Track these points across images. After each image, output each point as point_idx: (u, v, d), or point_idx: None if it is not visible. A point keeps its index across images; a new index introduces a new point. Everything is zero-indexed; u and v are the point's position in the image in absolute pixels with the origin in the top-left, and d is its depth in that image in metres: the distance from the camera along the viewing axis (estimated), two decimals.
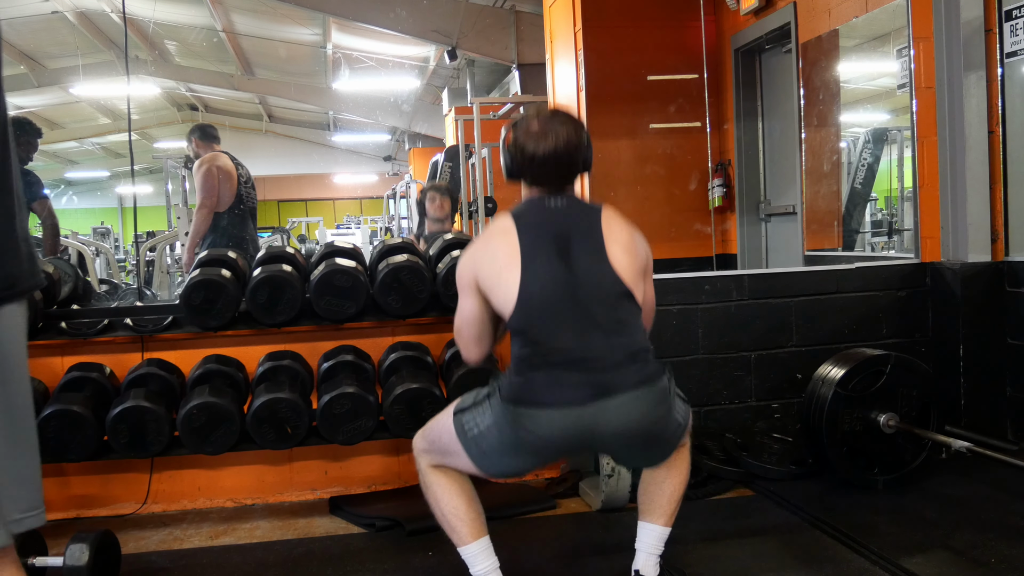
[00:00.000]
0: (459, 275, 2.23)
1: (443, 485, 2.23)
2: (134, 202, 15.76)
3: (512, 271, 2.09)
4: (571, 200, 2.21)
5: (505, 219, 2.18)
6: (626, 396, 2.03)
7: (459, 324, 2.27)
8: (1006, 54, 3.63)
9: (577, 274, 2.09)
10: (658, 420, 2.10)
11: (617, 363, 2.04)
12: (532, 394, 2.04)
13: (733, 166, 5.64)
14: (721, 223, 5.79)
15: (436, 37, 9.52)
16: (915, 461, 3.19)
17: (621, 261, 2.12)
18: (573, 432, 2.04)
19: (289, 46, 12.54)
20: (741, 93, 5.56)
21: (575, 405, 2.02)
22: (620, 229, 2.18)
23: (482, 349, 2.28)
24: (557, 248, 2.11)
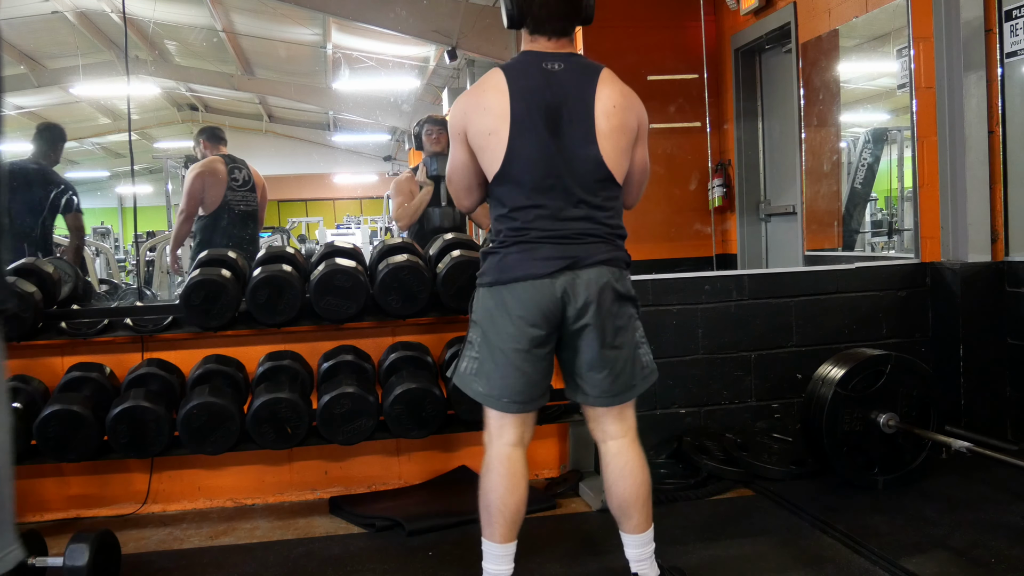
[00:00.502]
0: (450, 125, 2.28)
1: (507, 475, 2.20)
2: (134, 202, 15.75)
3: (500, 137, 2.14)
4: (569, 62, 2.21)
5: (498, 75, 2.19)
6: (592, 270, 2.16)
7: (450, 173, 2.32)
8: (1006, 54, 3.63)
9: (562, 153, 2.15)
10: (620, 295, 2.18)
11: (587, 240, 2.16)
12: (508, 271, 2.16)
13: (733, 166, 5.64)
14: (721, 223, 5.79)
15: (436, 37, 9.51)
16: (915, 461, 3.19)
17: (608, 141, 2.17)
18: (548, 303, 2.14)
19: (289, 46, 12.53)
20: (741, 93, 5.56)
21: (547, 276, 2.13)
22: (613, 102, 2.19)
23: (473, 198, 2.34)
24: (546, 122, 2.14)
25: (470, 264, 3.11)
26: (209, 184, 4.89)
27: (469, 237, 3.53)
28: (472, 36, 9.38)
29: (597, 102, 2.17)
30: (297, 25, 11.12)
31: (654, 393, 3.53)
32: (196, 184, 4.89)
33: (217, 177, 4.92)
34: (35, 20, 10.86)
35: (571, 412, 3.20)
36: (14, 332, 3.00)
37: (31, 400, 3.07)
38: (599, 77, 2.20)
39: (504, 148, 2.14)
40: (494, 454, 2.23)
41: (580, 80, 2.19)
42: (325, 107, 16.62)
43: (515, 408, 2.21)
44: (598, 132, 2.16)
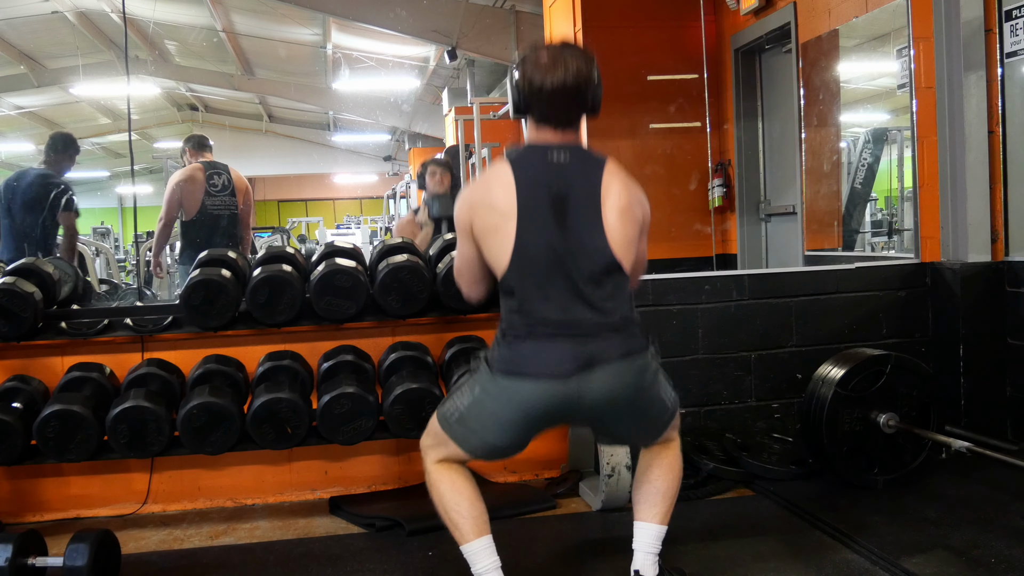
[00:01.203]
0: (456, 218, 2.24)
1: (447, 482, 2.23)
2: (134, 202, 15.75)
3: (507, 230, 2.10)
4: (574, 153, 2.18)
5: (504, 167, 2.16)
6: (610, 367, 2.07)
7: (459, 266, 2.31)
8: (1006, 54, 3.63)
9: (570, 243, 2.10)
10: (641, 390, 2.14)
11: (602, 335, 2.08)
12: (519, 366, 2.09)
13: (733, 166, 5.64)
14: (721, 223, 5.79)
15: (436, 37, 9.52)
16: (915, 461, 3.19)
17: (615, 231, 2.12)
18: (559, 403, 2.08)
19: (289, 46, 12.54)
20: (741, 93, 5.56)
21: (560, 377, 2.06)
22: (620, 190, 2.16)
23: (481, 289, 2.32)
24: (554, 211, 2.11)
25: None
26: (187, 191, 5.16)
27: None
28: (472, 36, 9.39)
29: (603, 192, 2.13)
30: (297, 25, 11.13)
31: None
32: (175, 192, 5.17)
33: (195, 184, 5.17)
34: (35, 20, 10.86)
35: None
36: (14, 332, 3.01)
37: (31, 400, 3.07)
38: (605, 168, 2.18)
39: (512, 241, 2.09)
40: (432, 469, 2.26)
41: (586, 170, 2.16)
42: (325, 107, 16.62)
43: (485, 458, 2.24)
44: (605, 222, 2.12)
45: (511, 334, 2.12)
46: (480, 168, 8.92)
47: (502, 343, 2.14)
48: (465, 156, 9.11)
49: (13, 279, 3.02)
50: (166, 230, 5.29)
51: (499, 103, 9.45)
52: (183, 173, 5.24)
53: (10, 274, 3.08)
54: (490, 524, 2.23)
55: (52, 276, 3.19)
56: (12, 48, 11.98)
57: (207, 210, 5.20)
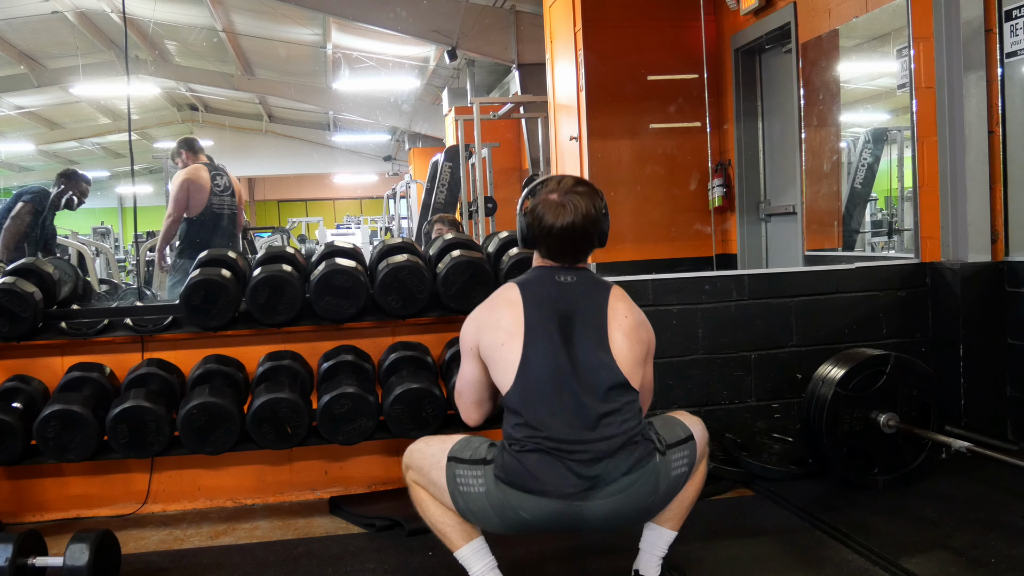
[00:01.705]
0: (462, 339, 2.25)
1: (430, 496, 2.24)
2: (134, 202, 15.77)
3: (513, 348, 2.11)
4: (581, 276, 2.21)
5: (512, 289, 2.19)
6: (614, 487, 2.05)
7: (460, 387, 2.30)
8: (1006, 54, 3.63)
9: (575, 361, 2.10)
10: (648, 504, 2.13)
11: (607, 454, 2.05)
12: (523, 479, 2.05)
13: (733, 166, 5.64)
14: (721, 223, 5.79)
15: (436, 37, 9.52)
16: (915, 461, 3.19)
17: (622, 350, 2.12)
18: (561, 520, 2.07)
19: (289, 46, 12.54)
20: (741, 93, 5.56)
21: (563, 497, 2.04)
22: (625, 314, 2.18)
23: (482, 413, 2.32)
24: (560, 330, 2.12)
25: (470, 264, 3.11)
26: (194, 190, 5.30)
27: (469, 237, 3.53)
28: (472, 36, 9.39)
29: (610, 313, 2.15)
30: (297, 25, 11.13)
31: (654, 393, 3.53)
32: (182, 190, 5.30)
33: (201, 184, 5.31)
34: (35, 20, 10.86)
35: None
36: (14, 332, 3.01)
37: (31, 400, 3.07)
38: (611, 291, 2.20)
39: (518, 358, 2.10)
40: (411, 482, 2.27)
41: (592, 291, 2.19)
42: (325, 107, 16.62)
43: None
44: (612, 341, 2.12)
45: (517, 446, 2.08)
46: (480, 168, 8.91)
47: (507, 452, 2.10)
48: (465, 156, 9.10)
49: (13, 279, 3.02)
50: (174, 227, 5.37)
51: (499, 103, 9.44)
52: (190, 172, 5.34)
53: (10, 274, 3.08)
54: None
55: (52, 276, 3.19)
56: (12, 48, 11.98)
57: (211, 209, 5.35)
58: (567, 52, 5.55)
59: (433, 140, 15.72)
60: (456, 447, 2.19)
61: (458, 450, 2.19)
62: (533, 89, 8.99)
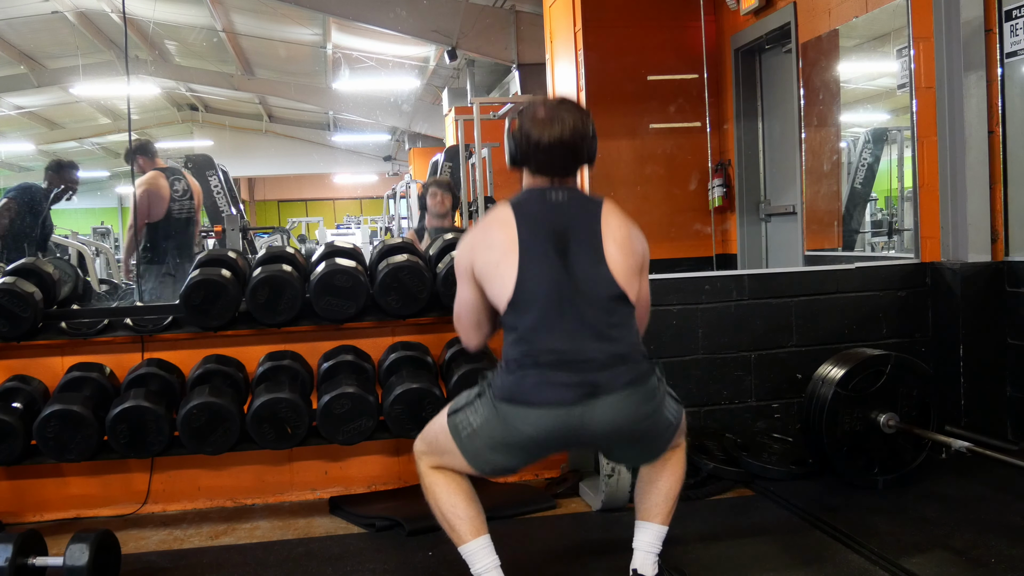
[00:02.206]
0: (456, 263, 2.25)
1: (442, 485, 2.24)
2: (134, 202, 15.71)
3: (509, 267, 2.11)
4: (572, 193, 2.21)
5: (504, 209, 2.18)
6: (614, 396, 2.06)
7: (458, 311, 2.30)
8: (1006, 54, 3.63)
9: (573, 274, 2.10)
10: (646, 418, 2.13)
11: (607, 364, 2.06)
12: (522, 393, 2.07)
13: (733, 166, 5.64)
14: (721, 223, 5.79)
15: (436, 37, 9.52)
16: (915, 461, 3.19)
17: (617, 262, 2.13)
18: (562, 430, 2.08)
19: (289, 46, 12.54)
20: (741, 93, 5.56)
21: (564, 405, 2.05)
22: (618, 226, 2.18)
23: (481, 335, 2.32)
24: (555, 246, 2.12)
25: None
26: (154, 198, 5.41)
27: None
28: (472, 36, 9.40)
29: (603, 227, 2.16)
30: (297, 25, 11.13)
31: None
32: (144, 198, 5.42)
33: (160, 191, 5.42)
34: (35, 20, 10.87)
35: None
36: (14, 332, 3.01)
37: (31, 400, 3.07)
38: (603, 206, 2.21)
39: (515, 276, 2.10)
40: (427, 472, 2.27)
41: (585, 208, 2.19)
42: (325, 107, 16.63)
43: (490, 475, 2.23)
44: (606, 253, 2.13)
45: (514, 364, 2.10)
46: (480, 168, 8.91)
47: (505, 371, 2.12)
48: (465, 156, 9.10)
49: (13, 279, 3.02)
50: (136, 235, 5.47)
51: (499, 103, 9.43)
52: (149, 180, 5.45)
53: (10, 274, 3.08)
54: (489, 524, 2.23)
55: (52, 276, 3.19)
56: (12, 48, 11.98)
57: (172, 215, 5.47)
58: (567, 52, 5.55)
59: (433, 140, 15.72)
60: (453, 403, 2.25)
61: (454, 405, 2.24)
62: (533, 89, 9.00)
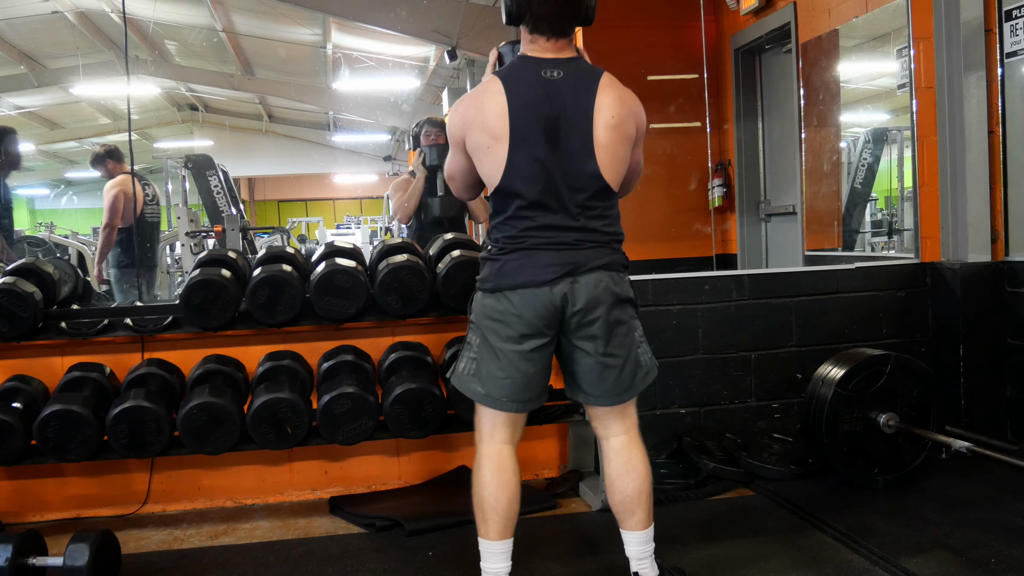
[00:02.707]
0: (449, 130, 2.31)
1: (494, 471, 2.22)
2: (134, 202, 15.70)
3: (498, 153, 2.17)
4: (567, 68, 2.21)
5: (497, 86, 2.19)
6: (591, 275, 2.18)
7: (450, 172, 2.37)
8: (1006, 54, 3.63)
9: (561, 164, 2.17)
10: (617, 305, 2.20)
11: (586, 247, 2.19)
12: (506, 278, 2.18)
13: (733, 166, 5.64)
14: (721, 223, 5.79)
15: (436, 37, 9.51)
16: (915, 461, 3.19)
17: (606, 151, 2.19)
18: (547, 306, 2.16)
19: (289, 46, 12.54)
20: (741, 93, 5.56)
21: (545, 283, 2.16)
22: (613, 106, 2.20)
23: (473, 193, 2.42)
24: (545, 132, 2.16)
25: (470, 264, 3.11)
26: (128, 199, 5.46)
27: (469, 237, 3.53)
28: (472, 36, 9.38)
29: (596, 113, 2.18)
30: (297, 25, 11.12)
31: (654, 393, 3.54)
32: (119, 200, 5.44)
33: (130, 194, 5.47)
34: (35, 20, 10.87)
35: (571, 412, 3.20)
36: (14, 332, 3.01)
37: (31, 400, 3.07)
38: (599, 84, 2.20)
39: (504, 161, 2.16)
40: (485, 452, 2.26)
41: (579, 89, 2.19)
42: (325, 107, 16.62)
43: (514, 407, 2.23)
44: (596, 144, 2.18)
45: (496, 248, 2.21)
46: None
47: (488, 261, 2.23)
48: None
49: (13, 279, 3.02)
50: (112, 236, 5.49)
51: None
52: (123, 183, 5.46)
53: (10, 274, 3.08)
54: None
55: (52, 276, 3.19)
56: (12, 48, 11.98)
57: (145, 219, 5.56)
58: None
59: None
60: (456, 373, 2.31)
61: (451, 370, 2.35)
62: None
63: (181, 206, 7.95)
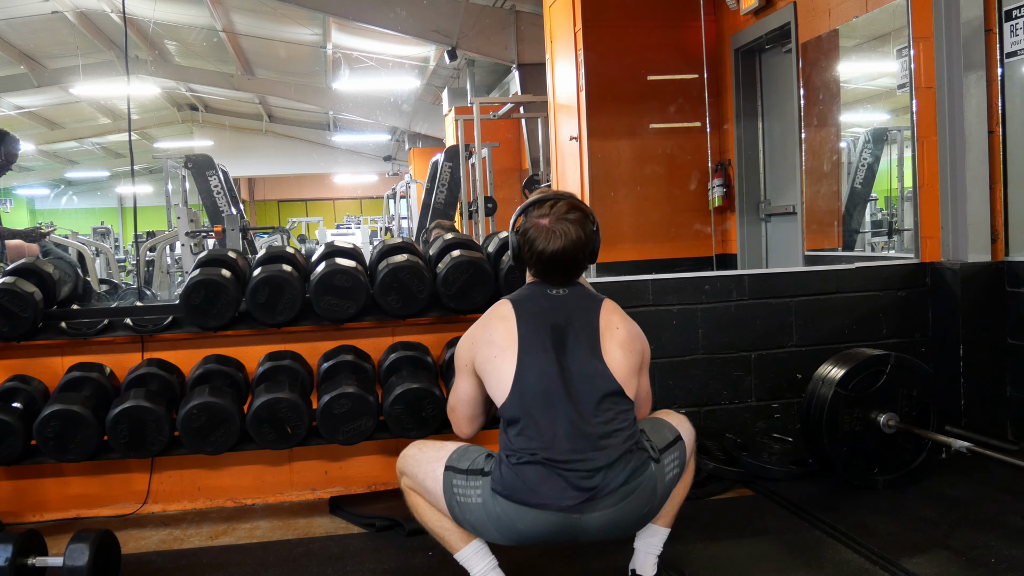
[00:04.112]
0: (457, 356, 2.28)
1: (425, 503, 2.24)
2: (134, 202, 15.79)
3: (508, 360, 2.13)
4: (573, 290, 2.24)
5: (505, 305, 2.22)
6: (612, 498, 2.05)
7: (453, 403, 2.33)
8: (1006, 54, 3.63)
9: (571, 370, 2.11)
10: (646, 512, 2.14)
11: (605, 466, 2.05)
12: (520, 492, 2.05)
13: (733, 166, 5.64)
14: (721, 223, 5.79)
15: (436, 37, 9.52)
16: (915, 461, 3.19)
17: (616, 358, 2.14)
18: (560, 532, 2.07)
19: (289, 46, 12.54)
20: (741, 93, 5.56)
21: (561, 510, 2.04)
22: (618, 325, 2.20)
23: (474, 428, 2.35)
24: (554, 341, 2.14)
25: (470, 264, 3.11)
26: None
27: (469, 237, 3.53)
28: (472, 36, 9.40)
29: (602, 326, 2.17)
30: (297, 25, 11.13)
31: (654, 393, 3.53)
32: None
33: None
34: (35, 20, 10.87)
35: None
36: (14, 332, 3.01)
37: (31, 400, 3.07)
38: (603, 304, 2.23)
39: (513, 369, 2.12)
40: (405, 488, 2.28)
41: (584, 303, 2.22)
42: (325, 107, 16.63)
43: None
44: (605, 351, 2.14)
45: (513, 458, 2.09)
46: (480, 168, 8.90)
47: (504, 464, 2.10)
48: (465, 156, 9.10)
49: (13, 279, 3.02)
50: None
51: (499, 103, 9.43)
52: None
53: (10, 274, 3.08)
54: None
55: (52, 276, 3.19)
56: (12, 48, 11.99)
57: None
58: (567, 52, 5.55)
59: (433, 140, 15.73)
60: (454, 456, 2.19)
61: (455, 459, 2.18)
62: (533, 89, 9.00)
63: (181, 206, 7.95)
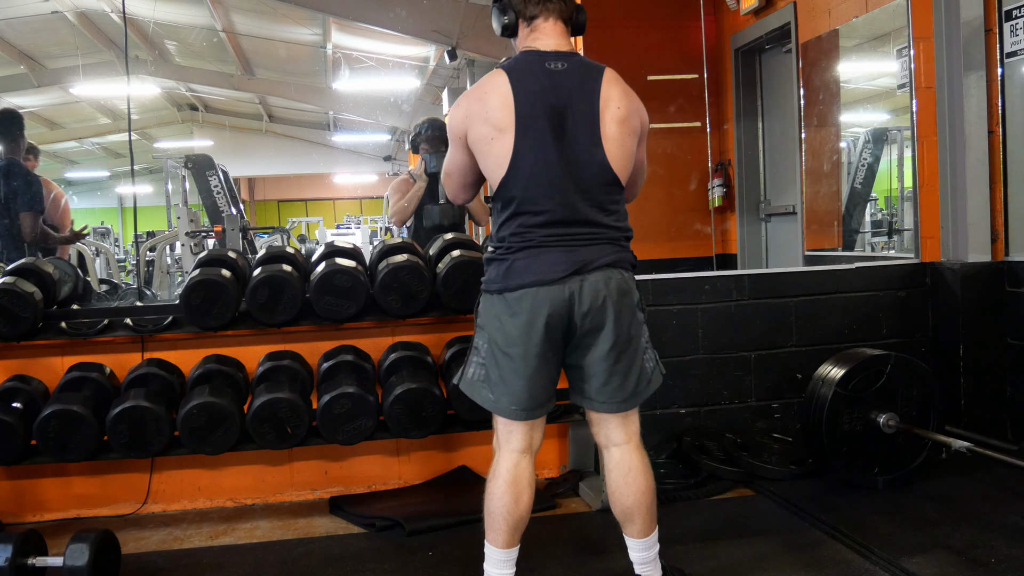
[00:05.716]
0: (450, 126, 2.26)
1: (509, 484, 2.19)
2: (134, 202, 15.77)
3: (504, 143, 2.12)
4: (571, 62, 2.19)
5: (501, 77, 2.15)
6: (599, 273, 2.13)
7: (448, 169, 2.32)
8: (1006, 54, 3.63)
9: (568, 157, 2.12)
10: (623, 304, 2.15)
11: (594, 243, 2.14)
12: (515, 277, 2.12)
13: (733, 166, 5.64)
14: (721, 223, 5.79)
15: (436, 37, 9.51)
16: (915, 461, 3.19)
17: (614, 143, 2.15)
18: (555, 307, 2.11)
19: (289, 46, 12.53)
20: (741, 93, 5.56)
21: (554, 282, 2.10)
22: (618, 103, 2.17)
23: (469, 194, 2.37)
24: (551, 124, 2.12)
25: (470, 264, 3.11)
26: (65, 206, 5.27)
27: (469, 237, 3.53)
28: (472, 36, 9.38)
29: (602, 104, 2.14)
30: (297, 25, 11.12)
31: (654, 393, 3.52)
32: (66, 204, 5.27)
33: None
34: (35, 20, 10.86)
35: (571, 412, 3.20)
36: (14, 332, 3.01)
37: (31, 400, 3.07)
38: (603, 78, 2.17)
39: (509, 154, 2.11)
40: (502, 461, 2.22)
41: (584, 81, 2.16)
42: (325, 107, 16.61)
43: (522, 416, 2.18)
44: (604, 136, 2.13)
45: (503, 248, 2.16)
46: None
47: (494, 262, 2.17)
48: None
49: (13, 279, 3.02)
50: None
51: None
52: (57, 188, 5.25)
53: (10, 274, 3.08)
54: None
55: (52, 276, 3.19)
56: (12, 48, 11.97)
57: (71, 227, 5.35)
58: None
59: None
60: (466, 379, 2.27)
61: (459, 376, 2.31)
62: None
63: (181, 206, 7.95)
